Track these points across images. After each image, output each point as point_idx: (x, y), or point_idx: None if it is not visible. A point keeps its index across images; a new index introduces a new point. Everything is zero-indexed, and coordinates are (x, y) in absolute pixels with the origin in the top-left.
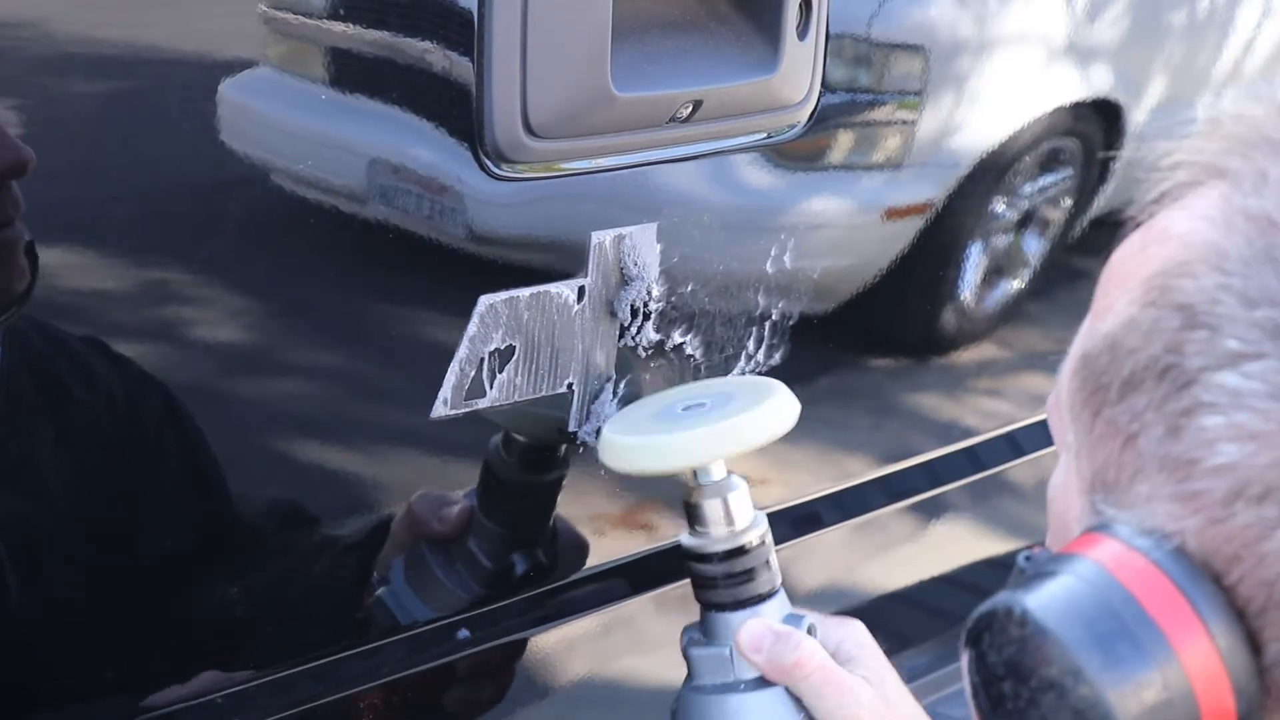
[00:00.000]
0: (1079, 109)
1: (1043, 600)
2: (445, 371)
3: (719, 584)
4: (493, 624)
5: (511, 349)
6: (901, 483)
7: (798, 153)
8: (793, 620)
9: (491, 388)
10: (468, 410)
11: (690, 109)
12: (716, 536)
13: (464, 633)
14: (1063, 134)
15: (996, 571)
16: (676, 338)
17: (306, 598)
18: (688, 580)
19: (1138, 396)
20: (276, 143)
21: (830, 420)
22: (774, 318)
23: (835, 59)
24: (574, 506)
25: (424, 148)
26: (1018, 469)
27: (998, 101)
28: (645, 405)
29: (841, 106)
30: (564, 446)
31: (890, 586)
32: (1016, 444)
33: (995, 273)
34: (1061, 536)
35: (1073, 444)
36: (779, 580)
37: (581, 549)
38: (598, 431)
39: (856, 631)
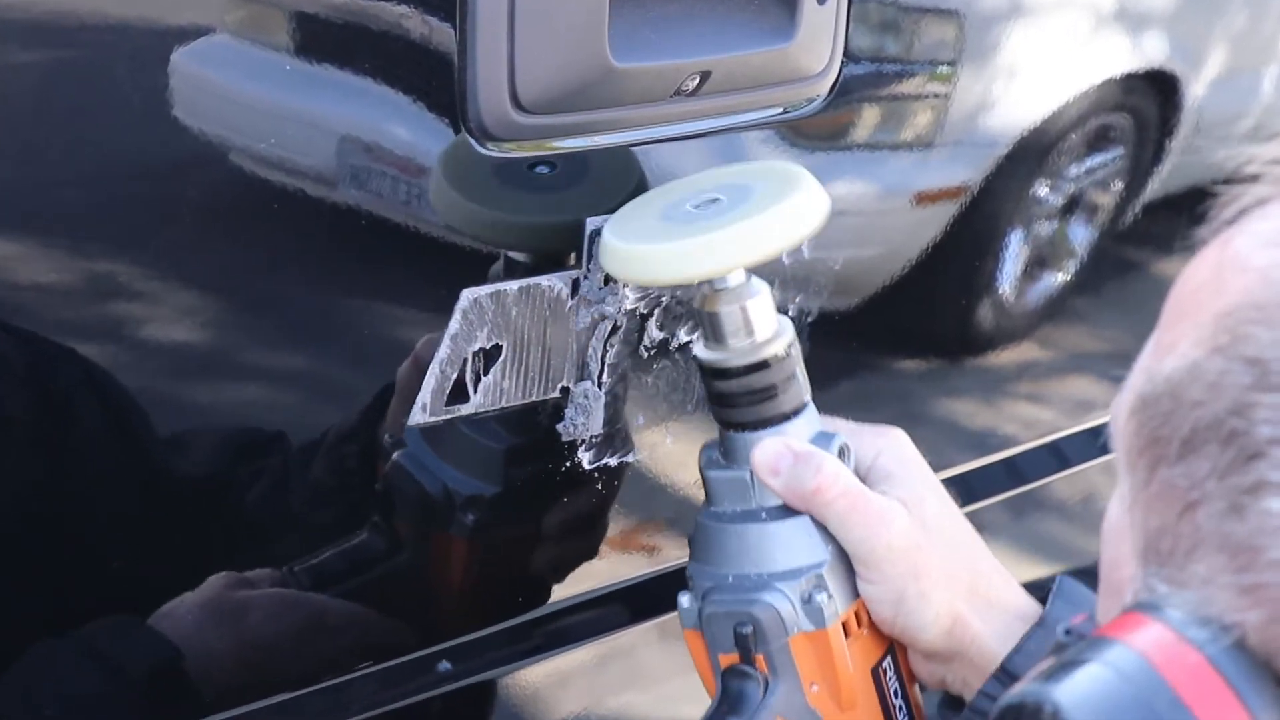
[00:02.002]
0: (1131, 81)
1: (1077, 697)
2: (424, 374)
3: (739, 401)
4: (476, 656)
5: (498, 348)
6: None
7: (817, 130)
8: (821, 440)
9: (476, 392)
10: (449, 417)
11: (697, 81)
12: (735, 349)
13: (444, 665)
14: (1113, 109)
15: (1038, 595)
16: (683, 336)
17: (316, 501)
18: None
19: (1198, 460)
20: (236, 118)
21: None
22: (790, 314)
23: (859, 25)
24: (566, 528)
25: (400, 124)
26: (1062, 483)
27: (1040, 73)
28: (650, 201)
29: (866, 78)
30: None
31: None
32: (1061, 455)
33: (1037, 264)
34: (1112, 588)
35: (1127, 493)
36: (807, 394)
37: (625, 429)
38: (596, 447)
39: (896, 442)
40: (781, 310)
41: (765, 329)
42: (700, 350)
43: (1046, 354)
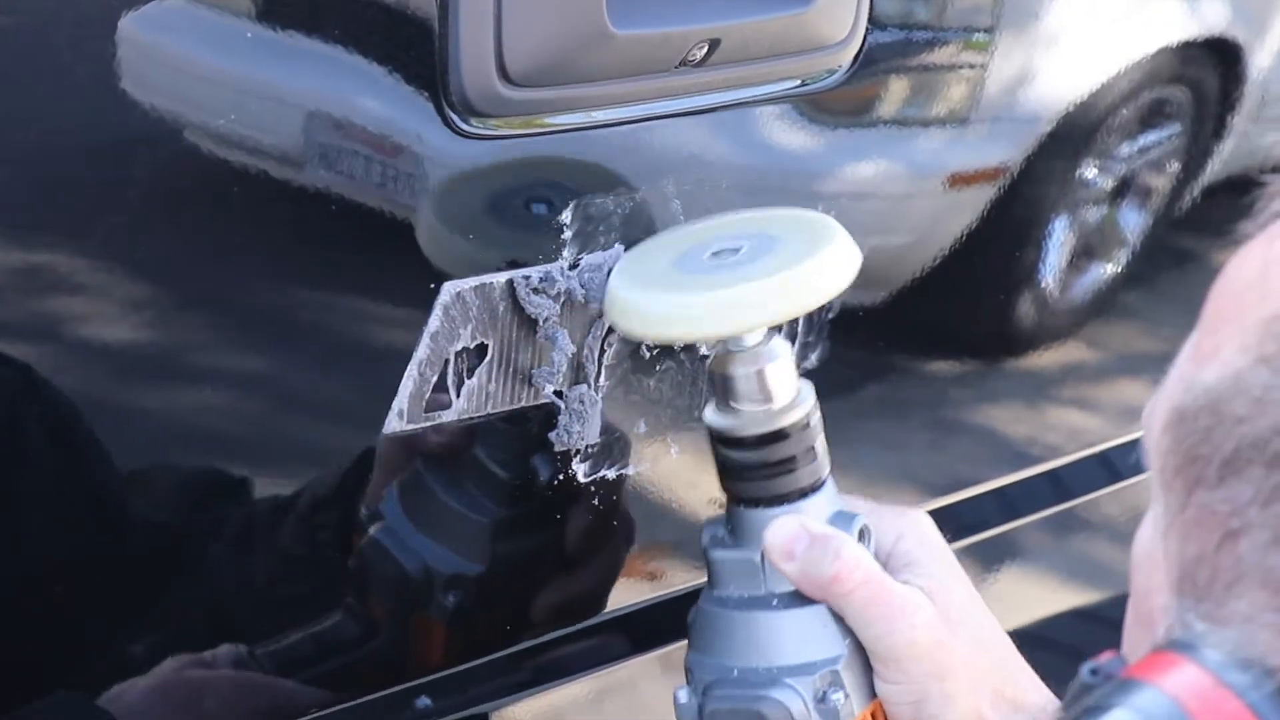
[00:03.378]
0: (1189, 50)
1: None
2: (401, 377)
3: (751, 474)
4: (458, 691)
5: (484, 348)
6: (968, 514)
7: (838, 104)
8: (841, 520)
9: (459, 396)
10: (429, 425)
11: (705, 50)
12: (750, 416)
13: (423, 700)
14: (1168, 81)
15: (1084, 625)
16: None
17: (286, 574)
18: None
19: (1241, 484)
20: (191, 92)
21: (879, 437)
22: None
23: None
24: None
25: (374, 98)
26: (1112, 498)
27: (1088, 41)
28: (662, 245)
29: (892, 47)
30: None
31: None
32: (1111, 467)
33: (1085, 254)
34: (1143, 619)
35: (1161, 517)
36: (826, 470)
37: (624, 438)
38: (593, 458)
39: (918, 525)
40: None
41: (784, 395)
42: (710, 415)
43: (1095, 354)
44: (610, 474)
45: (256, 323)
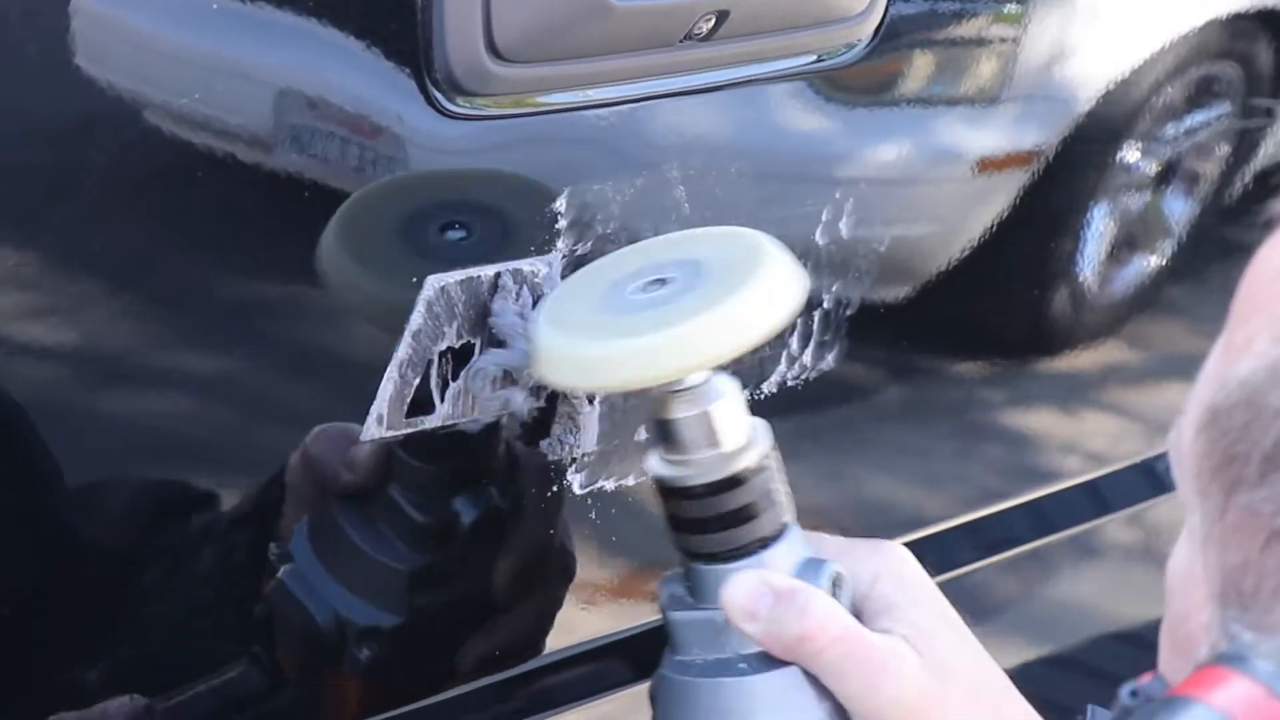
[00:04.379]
0: (1240, 23)
1: None
2: (380, 379)
3: (705, 527)
4: None
5: (470, 348)
6: (998, 529)
7: (857, 82)
8: (809, 570)
9: (443, 400)
10: (410, 431)
11: (712, 22)
12: (698, 463)
13: None
14: (1218, 57)
15: (1125, 649)
16: None
17: (195, 601)
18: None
19: None
20: (152, 68)
21: (902, 445)
22: (825, 305)
23: None
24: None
25: (351, 75)
26: (1156, 512)
27: (1129, 13)
28: (585, 281)
29: (917, 19)
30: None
31: None
32: (1155, 477)
33: (1126, 245)
34: (1181, 645)
35: (1199, 527)
36: (789, 514)
37: (548, 479)
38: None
39: (895, 561)
40: (815, 303)
41: (735, 437)
42: (654, 464)
43: (1137, 355)
44: (609, 485)
45: (222, 321)
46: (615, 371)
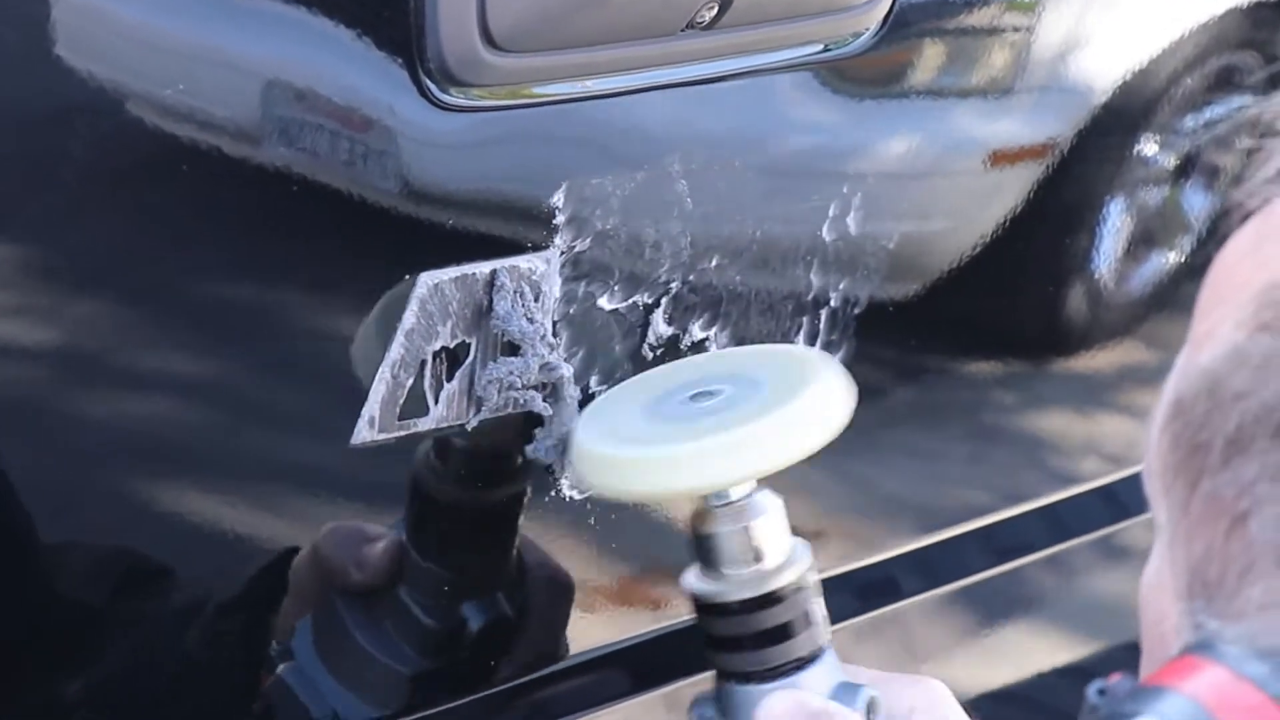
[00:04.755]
0: (1261, 11)
1: None
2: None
3: (741, 645)
4: None
5: (465, 348)
6: (1012, 535)
7: (865, 72)
8: (844, 693)
9: (437, 402)
10: (403, 434)
11: (715, 10)
12: (737, 580)
13: None
14: (1238, 46)
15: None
16: (697, 332)
17: (176, 683)
18: (706, 666)
19: (1247, 462)
20: (134, 58)
21: (913, 449)
22: (833, 304)
23: None
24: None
25: (341, 65)
26: None
27: (1147, 1)
28: (633, 392)
29: (927, 7)
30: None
31: (997, 682)
32: None
33: (1144, 241)
34: (1154, 650)
35: (1165, 528)
36: (826, 637)
37: (563, 590)
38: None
39: (933, 696)
40: (822, 301)
41: (776, 554)
42: (691, 580)
43: (1155, 355)
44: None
45: (206, 322)
46: (658, 478)
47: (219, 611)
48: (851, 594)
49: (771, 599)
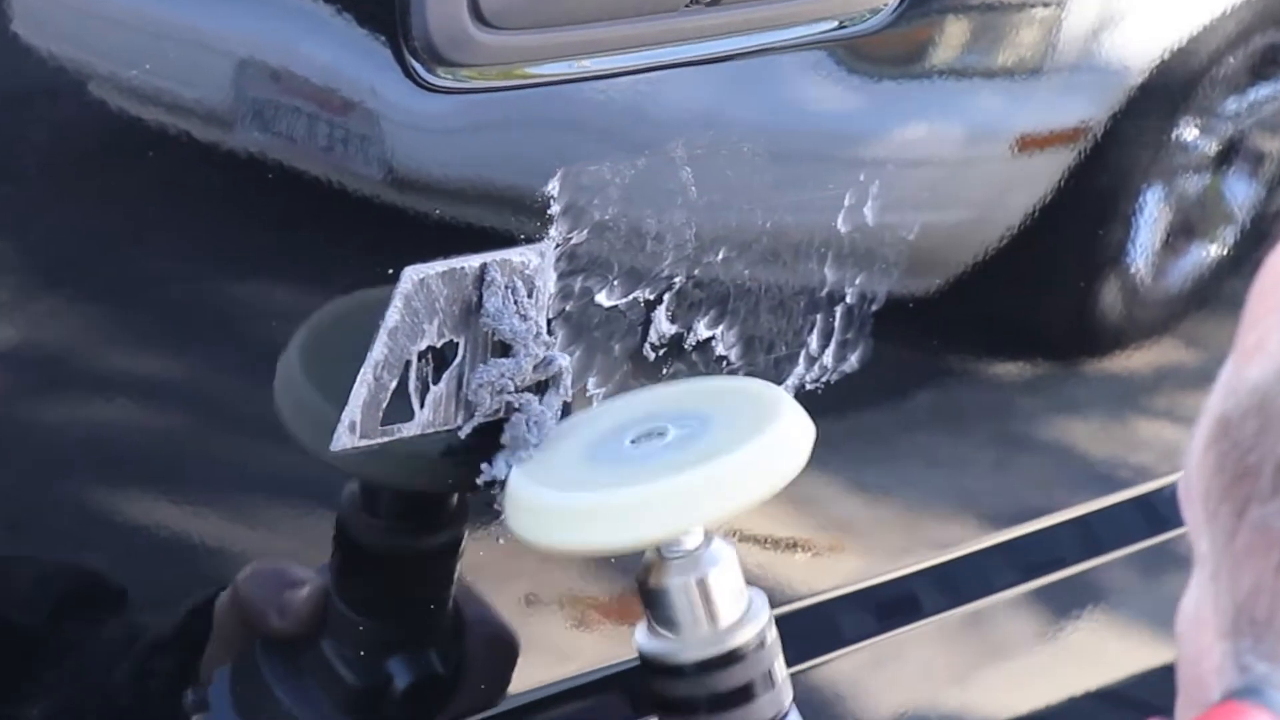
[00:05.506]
0: None
1: None
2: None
3: (698, 709)
4: None
5: (453, 347)
6: (1039, 550)
7: (883, 51)
8: None
9: (423, 406)
10: (387, 440)
11: None
12: (691, 639)
13: None
14: None
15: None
16: (702, 331)
17: None
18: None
19: None
20: (99, 36)
21: (933, 456)
22: (848, 300)
23: None
24: (530, 585)
25: (320, 43)
26: None
27: None
28: (572, 433)
29: None
30: (459, 494)
31: (1024, 708)
32: None
33: (1183, 232)
34: (1192, 691)
35: (1208, 558)
36: (789, 698)
37: (505, 647)
38: None
39: None
40: (837, 297)
41: (732, 608)
42: (641, 638)
43: (1195, 355)
44: None
45: (176, 319)
46: (602, 528)
47: (152, 648)
48: (868, 613)
49: (731, 658)
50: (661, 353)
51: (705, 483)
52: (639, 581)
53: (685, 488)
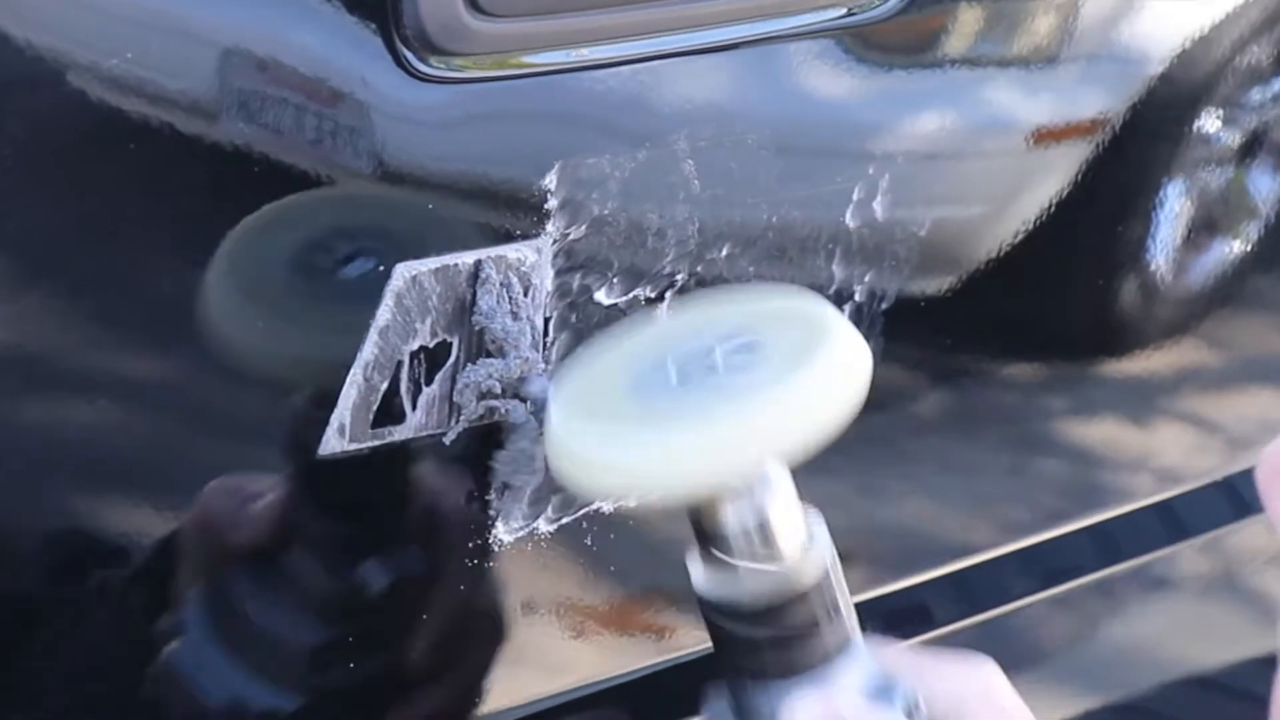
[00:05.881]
0: None
1: None
2: (341, 384)
3: (757, 645)
4: None
5: (446, 347)
6: (1059, 557)
7: (894, 39)
8: (881, 692)
9: (415, 408)
10: (377, 444)
11: None
12: (751, 578)
13: None
14: None
15: (1208, 698)
16: None
17: (82, 669)
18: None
19: None
20: (77, 24)
21: (947, 460)
22: (857, 298)
23: None
24: (524, 593)
25: (308, 31)
26: (1240, 535)
27: None
28: (609, 362)
29: None
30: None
31: None
32: (1238, 498)
33: (1205, 228)
34: None
35: None
36: (853, 626)
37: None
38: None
39: (983, 684)
40: (846, 295)
41: (792, 541)
42: (698, 578)
43: (1218, 356)
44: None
45: (158, 317)
46: (660, 470)
47: (131, 584)
48: (880, 622)
49: (795, 598)
50: None
51: (758, 415)
52: (692, 518)
53: (737, 427)
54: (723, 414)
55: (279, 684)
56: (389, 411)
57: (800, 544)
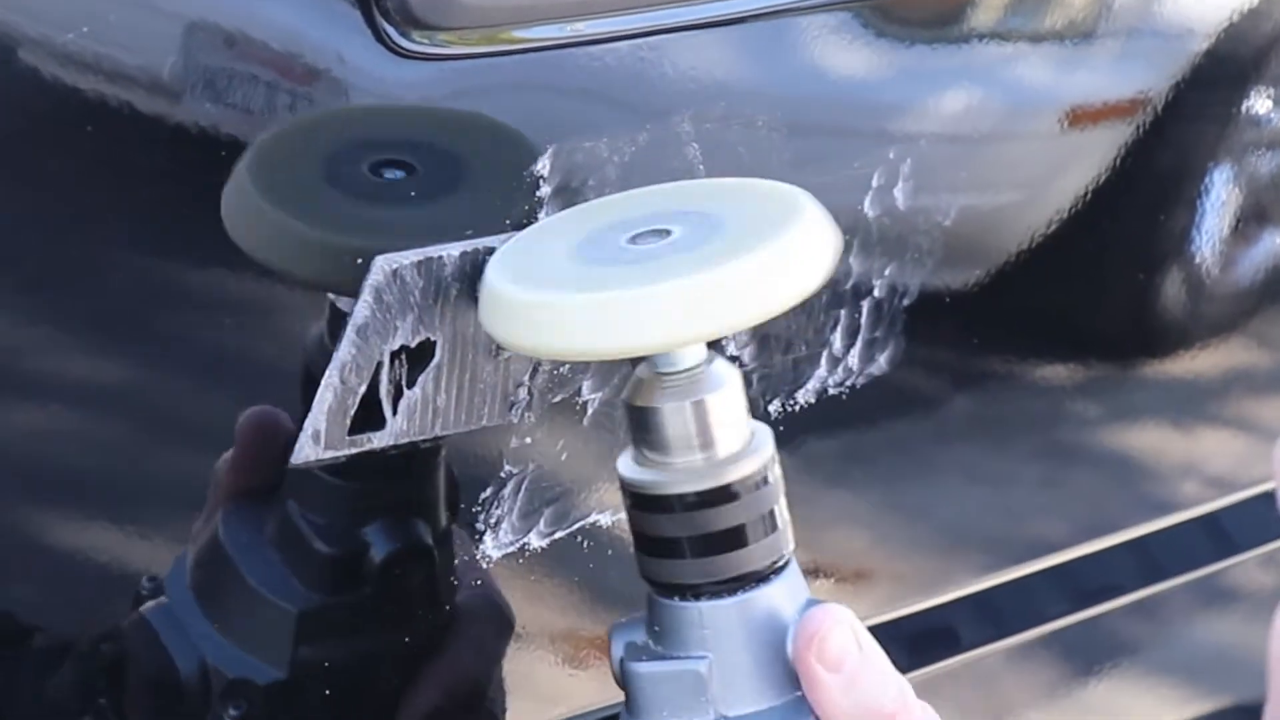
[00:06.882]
0: None
1: None
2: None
3: (687, 551)
4: None
5: (429, 347)
6: (1095, 575)
7: (916, 12)
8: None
9: (396, 413)
10: (355, 451)
11: None
12: (685, 469)
13: None
14: None
15: None
16: None
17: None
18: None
19: None
20: None
21: (972, 469)
22: (876, 294)
23: None
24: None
25: (281, 4)
26: None
27: None
28: (562, 228)
29: None
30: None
31: None
32: None
33: (1254, 218)
34: None
35: None
36: (788, 547)
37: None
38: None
39: None
40: (864, 291)
41: (733, 438)
42: (625, 466)
43: (1267, 356)
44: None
45: (117, 315)
46: (586, 331)
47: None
48: (902, 645)
49: (726, 494)
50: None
51: (699, 289)
52: (625, 401)
53: (689, 291)
54: (658, 281)
55: (255, 651)
56: (368, 417)
57: (740, 442)
